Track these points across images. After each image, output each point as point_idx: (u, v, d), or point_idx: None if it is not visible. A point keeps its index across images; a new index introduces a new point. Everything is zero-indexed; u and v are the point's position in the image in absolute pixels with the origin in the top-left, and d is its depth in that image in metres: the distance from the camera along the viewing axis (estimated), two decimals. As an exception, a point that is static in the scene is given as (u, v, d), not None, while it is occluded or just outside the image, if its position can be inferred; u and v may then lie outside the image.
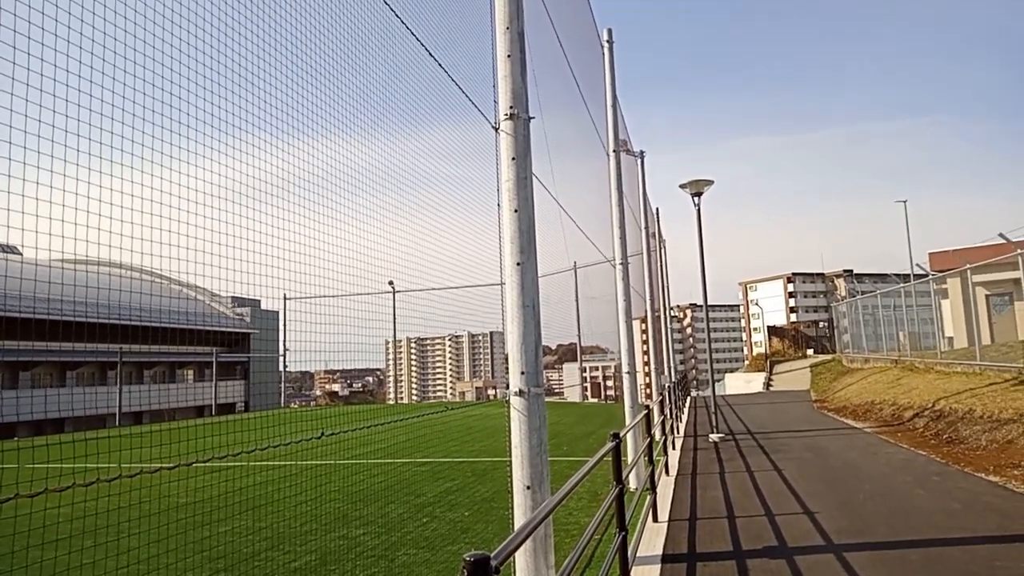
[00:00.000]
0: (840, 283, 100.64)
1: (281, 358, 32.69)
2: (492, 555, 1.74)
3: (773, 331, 57.68)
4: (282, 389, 36.06)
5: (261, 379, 46.07)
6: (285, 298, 5.25)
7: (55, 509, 6.37)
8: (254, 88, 4.21)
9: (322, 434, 5.32)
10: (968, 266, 17.52)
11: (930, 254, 31.79)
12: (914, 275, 29.31)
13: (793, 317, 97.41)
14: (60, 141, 3.03)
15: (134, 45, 3.38)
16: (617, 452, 4.63)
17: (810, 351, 49.60)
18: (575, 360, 37.88)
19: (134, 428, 24.71)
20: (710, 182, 14.47)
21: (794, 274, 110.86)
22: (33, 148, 2.92)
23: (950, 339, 22.89)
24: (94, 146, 3.23)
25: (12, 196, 2.85)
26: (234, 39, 4.00)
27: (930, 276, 22.45)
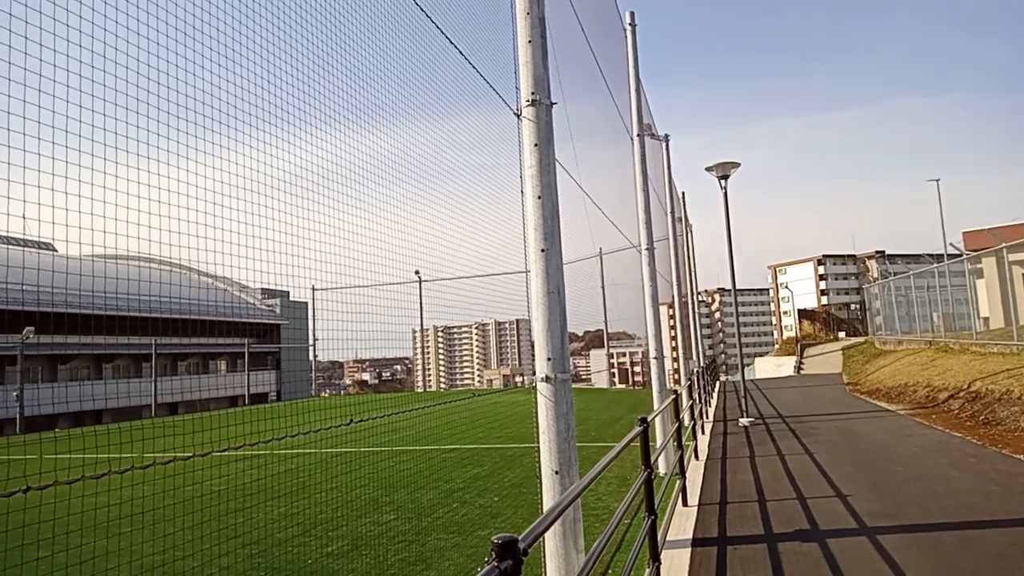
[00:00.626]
0: (872, 264, 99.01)
1: (311, 348, 33.10)
2: (520, 537, 1.75)
3: (804, 314, 56.95)
4: (312, 378, 36.52)
5: (292, 368, 46.67)
6: (313, 289, 5.32)
7: (92, 496, 6.54)
8: (281, 82, 4.25)
9: (351, 421, 5.40)
10: (1004, 245, 17.13)
11: (964, 233, 31.12)
12: (948, 255, 28.72)
13: (824, 300, 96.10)
14: (99, 139, 3.10)
15: (166, 44, 3.43)
16: (645, 437, 4.62)
17: (842, 334, 48.91)
18: (602, 346, 37.83)
19: (167, 418, 25.24)
20: (737, 164, 14.30)
21: (825, 256, 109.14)
22: (74, 147, 2.98)
23: (986, 319, 22.42)
24: (129, 142, 3.30)
25: (47, 192, 2.93)
26: (260, 34, 4.04)
27: (964, 256, 21.98)
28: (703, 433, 12.26)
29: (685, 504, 7.09)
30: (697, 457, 9.80)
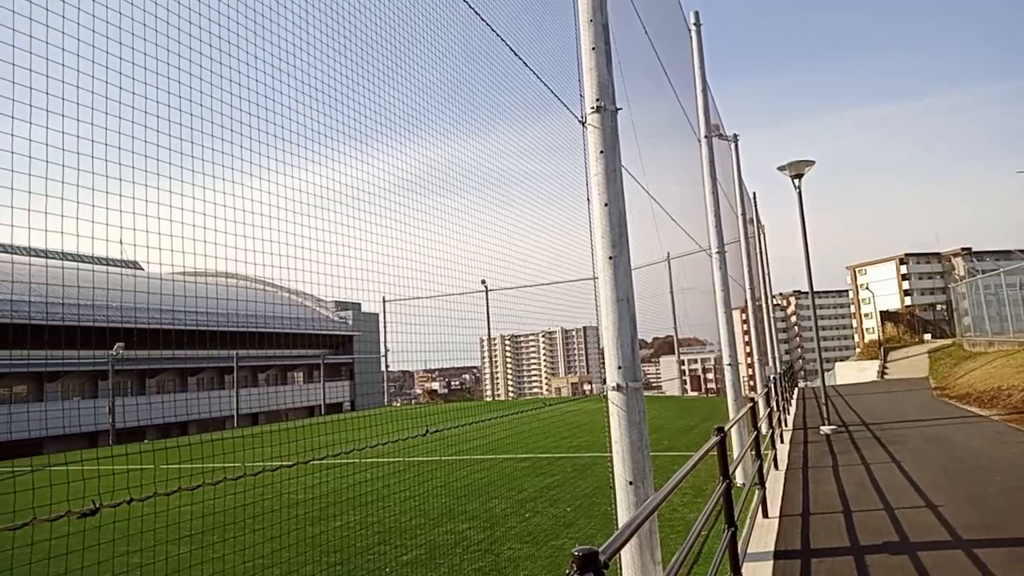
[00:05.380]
0: (958, 262, 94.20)
1: (383, 358, 33.79)
2: (600, 549, 1.73)
3: (886, 316, 54.50)
4: (385, 388, 37.24)
5: (365, 379, 47.73)
6: (384, 300, 5.42)
7: (188, 507, 6.83)
8: (347, 99, 4.36)
9: (427, 431, 5.47)
10: (1107, 237, 16.00)
11: (1061, 226, 29.20)
12: (1043, 250, 27.02)
13: (908, 301, 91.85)
14: (178, 163, 3.25)
15: (237, 67, 3.57)
16: (722, 446, 4.51)
17: (927, 336, 46.60)
18: (672, 353, 37.19)
19: (254, 429, 26.15)
20: (811, 163, 13.85)
21: (907, 255, 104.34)
22: (153, 171, 3.14)
23: (1089, 318, 20.98)
24: (206, 165, 3.45)
25: (136, 217, 3.08)
26: (328, 53, 4.16)
27: (1062, 250, 20.64)
28: (782, 442, 11.88)
29: (765, 516, 6.87)
30: (777, 467, 9.50)
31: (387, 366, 34.45)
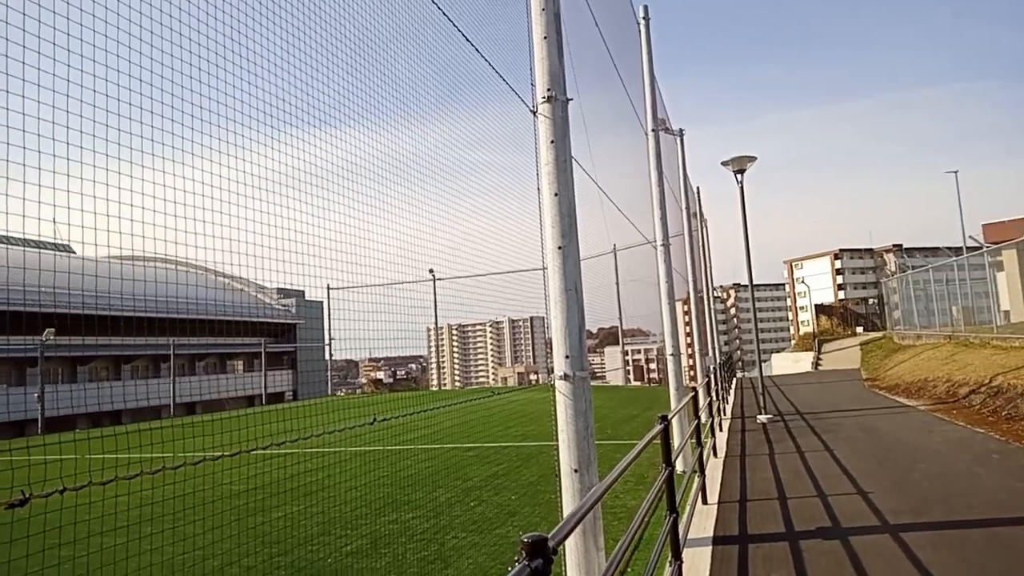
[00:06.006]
0: (890, 258, 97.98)
1: (327, 347, 33.25)
2: (550, 536, 1.75)
3: (821, 309, 56.47)
4: (328, 378, 36.69)
5: (308, 368, 46.92)
6: (328, 288, 5.33)
7: (124, 497, 6.60)
8: (294, 80, 4.26)
9: (374, 420, 5.41)
10: (1026, 237, 16.88)
11: (984, 225, 30.77)
12: (967, 247, 28.40)
13: (841, 295, 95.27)
14: (114, 140, 3.12)
15: (180, 43, 3.45)
16: (666, 434, 4.61)
17: (860, 329, 48.45)
18: (617, 344, 37.71)
19: (194, 418, 25.45)
20: (753, 158, 14.19)
21: (841, 250, 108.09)
22: (89, 147, 3.00)
23: (1007, 313, 22.14)
24: (144, 143, 3.32)
25: (63, 193, 2.94)
26: (273, 31, 4.05)
27: (984, 248, 21.70)
28: (721, 430, 12.19)
29: (705, 502, 7.05)
30: (716, 455, 9.75)
31: (331, 355, 33.96)
